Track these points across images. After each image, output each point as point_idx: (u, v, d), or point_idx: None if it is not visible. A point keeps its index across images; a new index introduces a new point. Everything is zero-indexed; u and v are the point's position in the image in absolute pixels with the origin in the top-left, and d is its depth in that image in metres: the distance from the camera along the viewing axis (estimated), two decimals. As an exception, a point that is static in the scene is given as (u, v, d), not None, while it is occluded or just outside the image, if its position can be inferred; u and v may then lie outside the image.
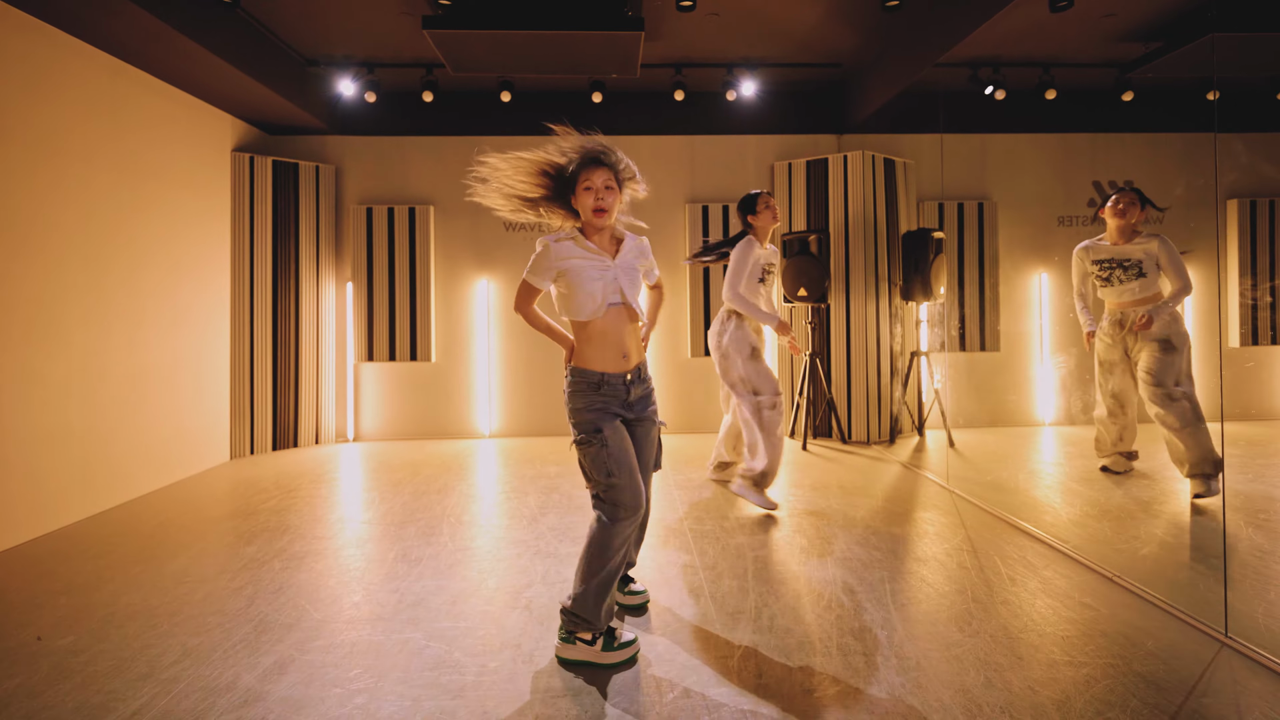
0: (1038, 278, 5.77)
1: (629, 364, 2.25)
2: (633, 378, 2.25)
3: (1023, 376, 5.78)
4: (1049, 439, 5.41)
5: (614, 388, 2.21)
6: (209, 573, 2.89)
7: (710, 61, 5.39)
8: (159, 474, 4.36)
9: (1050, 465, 4.72)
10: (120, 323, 4.04)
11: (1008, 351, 5.81)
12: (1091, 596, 2.54)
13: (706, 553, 3.05)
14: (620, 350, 2.23)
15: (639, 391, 2.28)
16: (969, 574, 2.76)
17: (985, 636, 2.23)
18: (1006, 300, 5.89)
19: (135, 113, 4.22)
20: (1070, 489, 4.03)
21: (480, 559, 3.01)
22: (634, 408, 2.27)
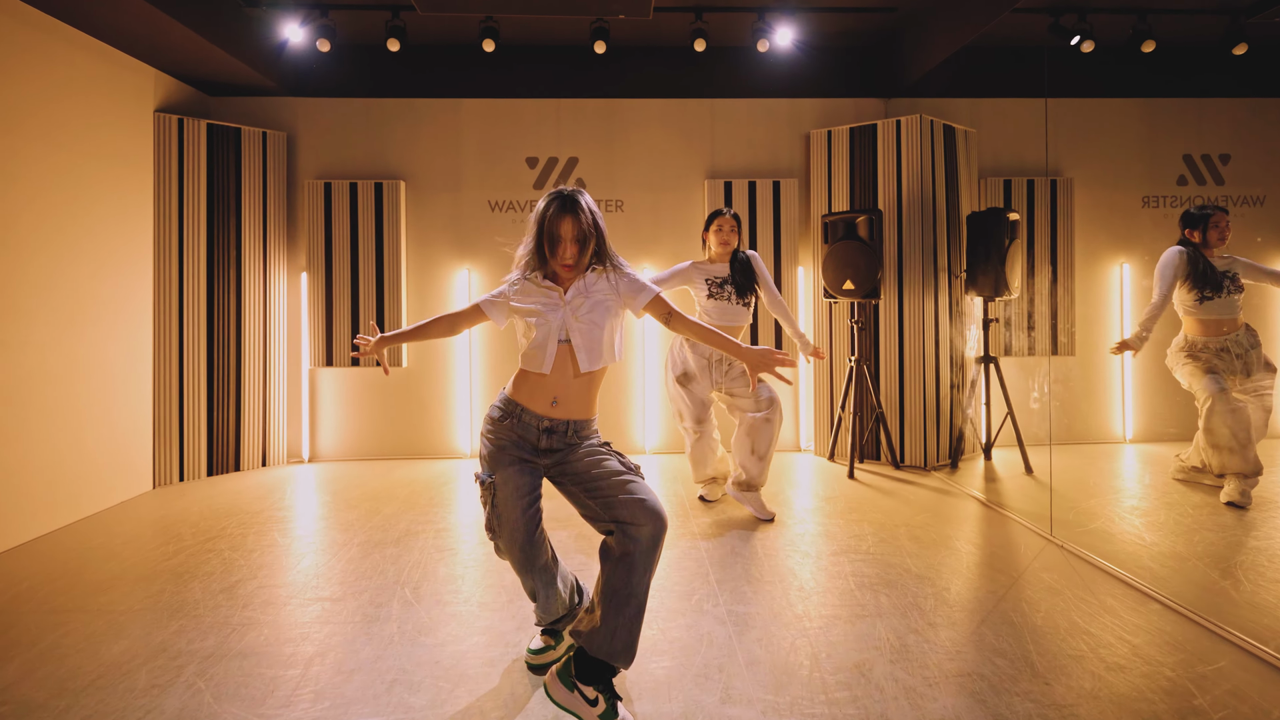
0: (1118, 268, 4.84)
1: (557, 413, 1.94)
2: (550, 428, 1.94)
3: (1100, 384, 4.85)
4: (1135, 461, 4.49)
5: (527, 428, 1.94)
6: (40, 695, 1.98)
7: (737, 4, 4.43)
8: (46, 515, 3.44)
9: (1156, 500, 3.80)
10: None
11: (1083, 356, 4.89)
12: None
13: (758, 661, 2.13)
14: (551, 395, 1.95)
15: (556, 444, 1.95)
16: (1144, 705, 1.85)
17: None
18: (1082, 295, 4.96)
19: (20, 59, 3.27)
20: (1204, 540, 3.11)
21: (435, 669, 2.09)
22: (550, 454, 1.96)
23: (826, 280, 4.45)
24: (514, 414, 1.95)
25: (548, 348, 1.93)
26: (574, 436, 1.96)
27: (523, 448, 1.93)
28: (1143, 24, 4.54)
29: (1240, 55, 4.42)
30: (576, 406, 1.96)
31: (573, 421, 1.96)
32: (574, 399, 1.96)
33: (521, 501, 1.89)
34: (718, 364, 3.52)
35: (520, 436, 1.94)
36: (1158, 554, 2.97)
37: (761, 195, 5.00)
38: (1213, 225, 3.44)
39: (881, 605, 2.50)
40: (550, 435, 1.94)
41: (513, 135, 5.00)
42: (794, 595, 2.60)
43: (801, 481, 4.25)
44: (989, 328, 4.54)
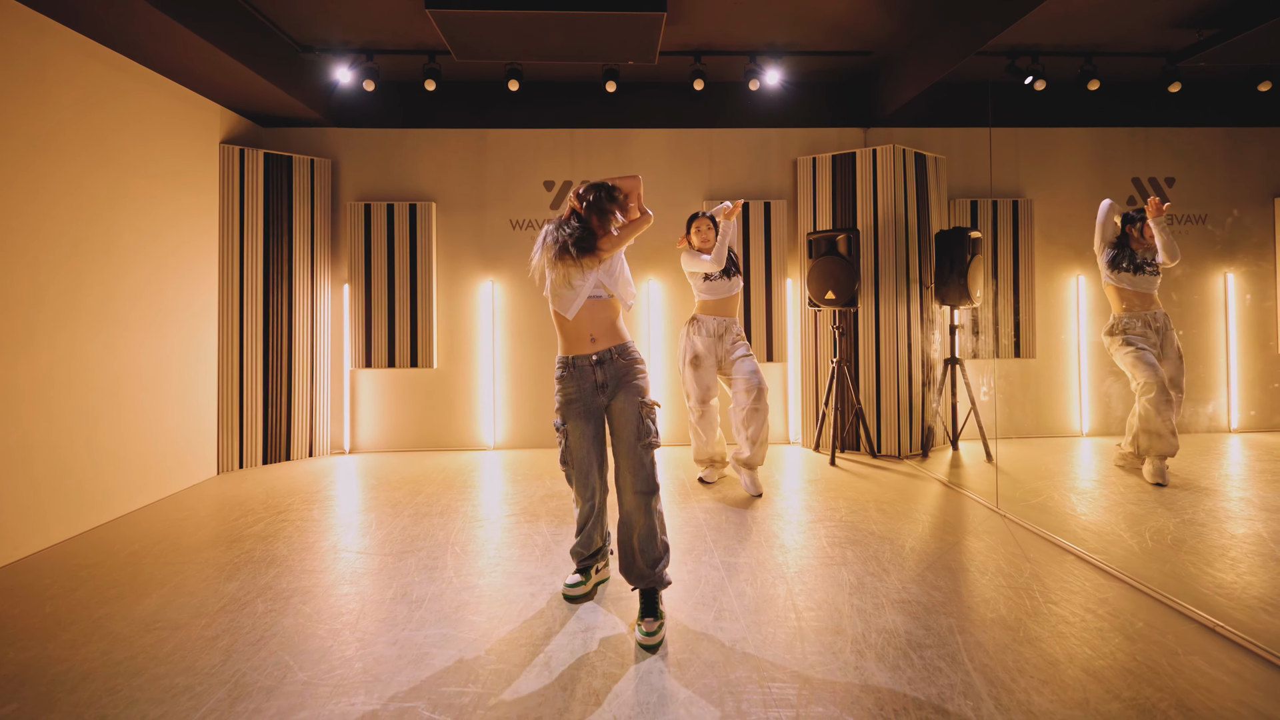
0: (1075, 279, 5.42)
1: (598, 346, 2.51)
2: (599, 359, 2.50)
3: (1060, 384, 5.43)
4: (1089, 452, 5.06)
5: (583, 370, 2.51)
6: (183, 617, 2.55)
7: (732, 49, 5.04)
8: (138, 493, 4.02)
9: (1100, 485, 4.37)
10: (98, 327, 3.70)
11: (1044, 358, 5.47)
12: (1197, 653, 2.19)
13: (745, 594, 2.70)
14: (588, 334, 2.51)
15: (610, 371, 2.51)
16: (1047, 623, 2.42)
17: (1096, 714, 1.89)
18: (1043, 304, 5.55)
19: (116, 101, 3.87)
20: (1130, 511, 3.68)
21: (489, 601, 2.66)
22: (606, 388, 2.51)
23: (811, 291, 5.02)
24: (570, 365, 2.54)
25: (577, 301, 2.52)
26: (620, 358, 2.51)
27: (585, 395, 2.52)
28: (1089, 65, 5.14)
29: (1175, 92, 5.03)
30: (610, 336, 2.53)
31: (614, 347, 2.52)
32: (604, 332, 2.53)
33: (586, 443, 2.53)
34: (719, 341, 4.15)
35: (580, 384, 2.52)
36: (1085, 523, 3.54)
37: (754, 215, 5.59)
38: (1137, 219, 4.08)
39: (846, 557, 3.07)
40: (602, 366, 2.50)
41: (531, 161, 5.60)
42: (776, 550, 3.17)
43: (789, 468, 4.82)
44: (954, 333, 5.12)
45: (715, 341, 4.17)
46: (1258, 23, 4.18)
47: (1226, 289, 4.60)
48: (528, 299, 5.59)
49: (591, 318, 2.49)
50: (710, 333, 4.16)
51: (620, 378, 2.50)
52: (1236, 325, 4.51)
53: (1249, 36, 4.26)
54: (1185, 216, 5.16)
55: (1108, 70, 5.20)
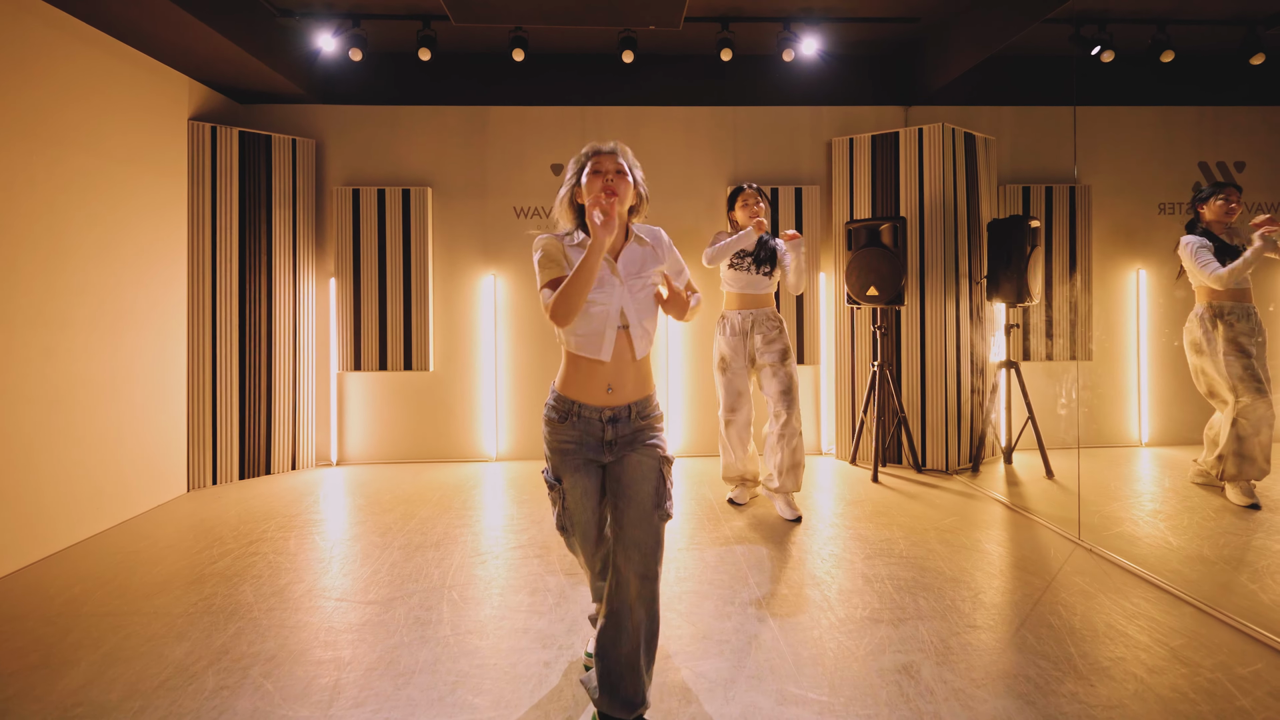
0: (1135, 274, 4.90)
1: (614, 400, 1.84)
2: (614, 416, 1.84)
3: (1117, 389, 4.91)
4: (1152, 464, 4.55)
5: (588, 423, 1.85)
6: (113, 697, 2.04)
7: (765, 14, 4.49)
8: (89, 518, 3.50)
9: (1177, 503, 3.86)
10: (33, 330, 3.17)
11: (1100, 361, 4.95)
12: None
13: (803, 662, 2.19)
14: (605, 382, 1.84)
15: (622, 432, 1.85)
16: (1193, 706, 1.91)
17: None
18: (1100, 300, 5.03)
19: (60, 68, 3.34)
20: (1227, 542, 3.17)
21: (493, 673, 2.15)
22: (613, 447, 1.85)
23: (850, 286, 4.50)
24: (572, 412, 1.85)
25: (605, 335, 1.81)
26: (638, 419, 1.87)
27: (587, 446, 1.85)
28: (1162, 34, 4.59)
29: (1258, 65, 4.48)
30: (634, 388, 1.87)
31: (634, 404, 1.87)
32: (630, 382, 1.86)
33: (590, 502, 1.86)
34: (745, 338, 3.68)
35: (583, 434, 1.85)
36: (1185, 557, 3.03)
37: (784, 202, 5.06)
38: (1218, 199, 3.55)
39: (921, 608, 2.56)
40: (615, 424, 1.85)
41: (538, 143, 5.06)
42: (835, 598, 2.66)
43: (825, 485, 4.31)
44: (1010, 333, 4.60)
45: (742, 340, 3.69)
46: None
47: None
48: (534, 295, 5.06)
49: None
50: (735, 329, 3.69)
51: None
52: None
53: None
54: (1255, 205, 4.64)
55: (1180, 41, 4.67)
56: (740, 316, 3.68)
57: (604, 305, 1.79)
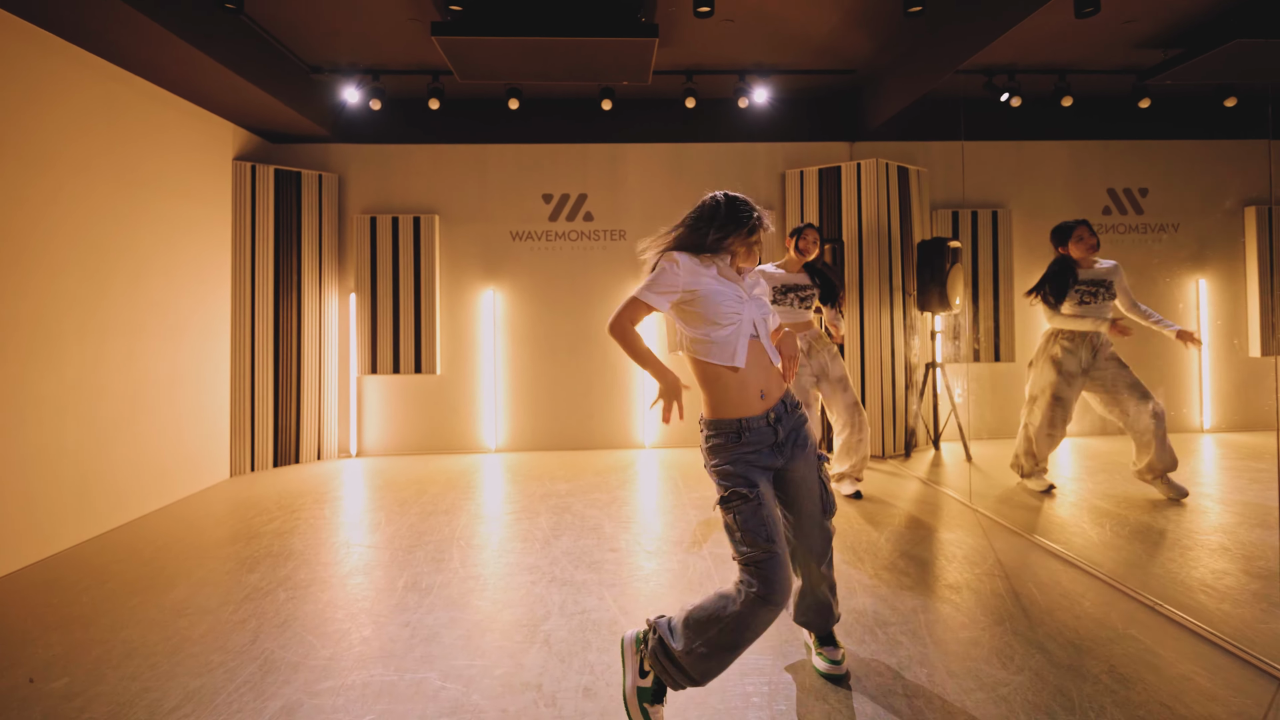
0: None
1: (770, 402, 1.95)
2: (777, 415, 1.95)
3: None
4: (1066, 451, 5.29)
5: (758, 433, 1.91)
6: (211, 604, 2.77)
7: (723, 68, 5.29)
8: (157, 494, 4.24)
9: (1072, 481, 4.60)
10: (118, 336, 3.93)
11: (1023, 362, 5.70)
12: (1136, 627, 2.42)
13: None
14: (757, 389, 1.93)
15: (788, 427, 1.97)
16: (1004, 602, 2.65)
17: (1030, 674, 2.11)
18: (1022, 310, 5.78)
19: (133, 121, 4.11)
20: (1096, 506, 3.91)
21: (493, 587, 2.89)
22: (784, 448, 1.95)
23: (798, 299, 5.25)
24: (745, 428, 1.91)
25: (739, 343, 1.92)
26: (791, 404, 2.01)
27: (764, 456, 1.93)
28: (1062, 82, 5.38)
29: (1145, 108, 5.28)
30: (777, 386, 2.00)
31: (784, 397, 2.01)
32: (774, 381, 1.99)
33: (777, 510, 1.96)
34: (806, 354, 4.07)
35: (759, 443, 1.92)
36: (1051, 517, 3.76)
37: (744, 226, 5.83)
38: (1075, 238, 4.09)
39: (825, 548, 3.30)
40: (780, 423, 1.96)
41: (531, 175, 5.84)
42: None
43: (777, 468, 5.04)
44: (935, 338, 5.36)
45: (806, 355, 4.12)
46: (1217, 44, 4.43)
47: (1199, 295, 4.81)
48: (527, 307, 5.81)
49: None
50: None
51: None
52: (1210, 330, 4.73)
53: (1210, 57, 4.51)
54: (1159, 225, 5.42)
55: (1081, 87, 5.45)
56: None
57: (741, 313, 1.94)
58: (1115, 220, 5.46)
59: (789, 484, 2.00)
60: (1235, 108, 4.86)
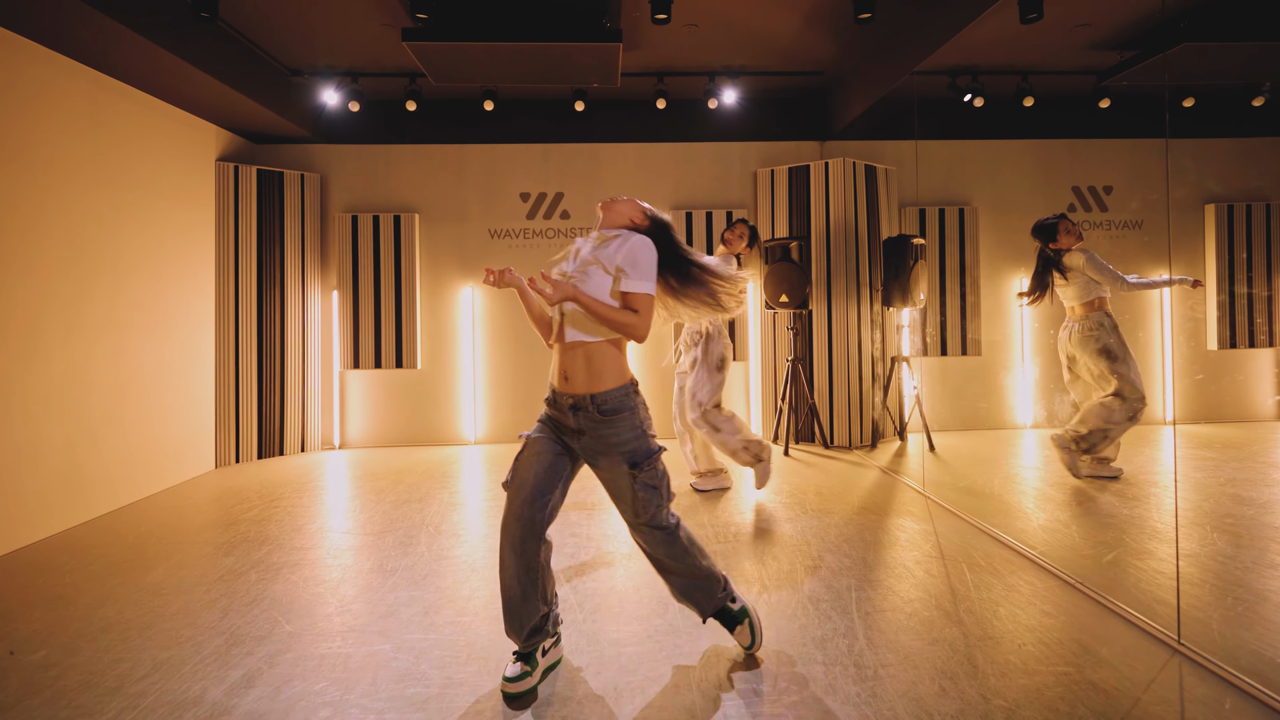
0: (1017, 282, 5.80)
1: (569, 387, 2.00)
2: (575, 404, 1.98)
3: (1003, 381, 5.82)
4: (1028, 442, 5.45)
5: (557, 408, 2.04)
6: (185, 585, 2.92)
7: (691, 70, 5.43)
8: (143, 484, 4.39)
9: (1027, 470, 4.76)
10: (104, 333, 4.07)
11: (988, 356, 5.85)
12: (1053, 604, 2.58)
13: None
14: (560, 369, 2.03)
15: (583, 422, 1.99)
16: (936, 581, 2.80)
17: (944, 645, 2.27)
18: (986, 305, 5.93)
19: (119, 126, 4.25)
20: (1044, 494, 4.07)
21: (456, 568, 3.04)
22: (580, 439, 2.02)
23: (767, 294, 5.41)
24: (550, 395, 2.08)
25: (551, 313, 2.07)
26: (596, 412, 1.96)
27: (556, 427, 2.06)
28: (1025, 82, 5.53)
29: (1105, 108, 5.43)
30: (585, 375, 1.98)
31: (593, 394, 1.96)
32: (581, 367, 1.98)
33: (537, 467, 1.99)
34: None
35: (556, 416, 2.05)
36: (996, 504, 3.92)
37: (718, 224, 5.98)
38: (1064, 231, 4.22)
39: (776, 533, 3.45)
40: (576, 413, 1.99)
41: (509, 175, 5.98)
42: (712, 528, 3.55)
43: (746, 459, 5.20)
44: (900, 332, 5.51)
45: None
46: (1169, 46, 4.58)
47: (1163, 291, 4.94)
48: (506, 304, 5.96)
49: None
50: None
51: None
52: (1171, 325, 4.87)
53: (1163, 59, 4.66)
54: (1123, 223, 5.57)
55: (1044, 87, 5.59)
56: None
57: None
58: (1081, 217, 5.60)
59: (602, 480, 2.07)
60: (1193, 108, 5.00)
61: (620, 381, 1.99)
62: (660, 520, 2.04)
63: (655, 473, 2.01)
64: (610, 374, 1.98)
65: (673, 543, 2.08)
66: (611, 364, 1.99)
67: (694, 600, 2.16)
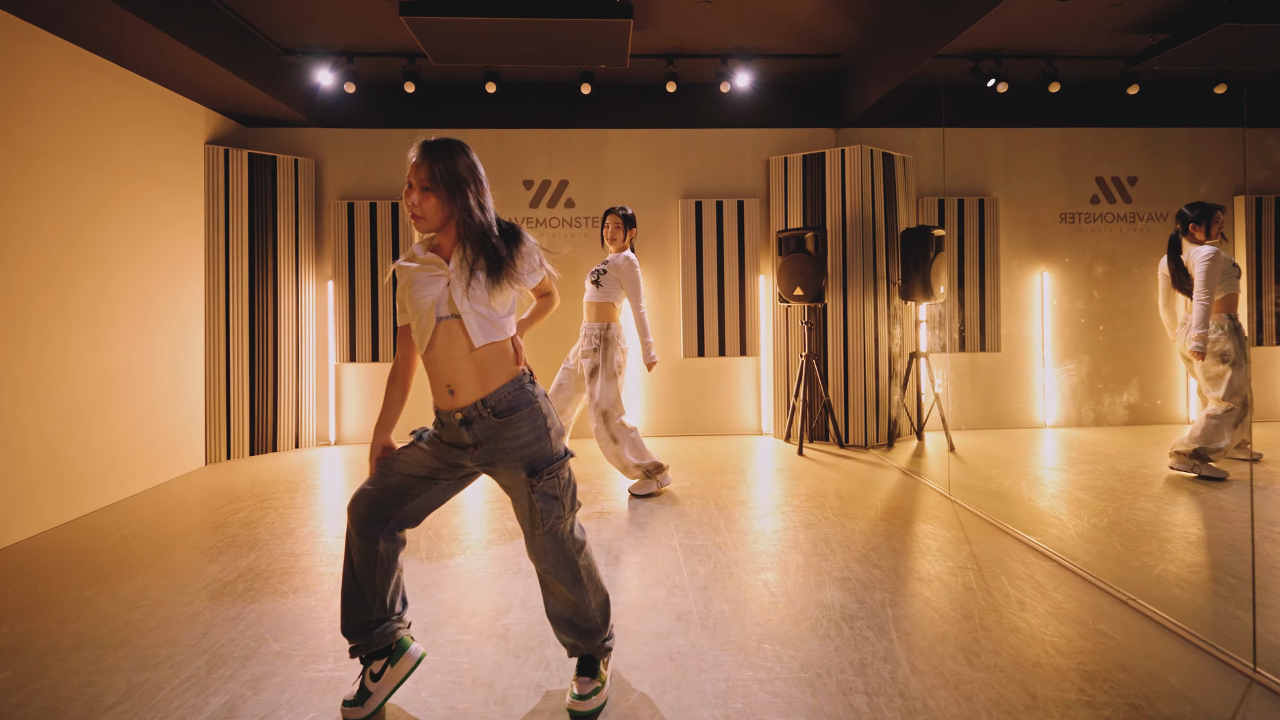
0: (1039, 276, 5.59)
1: (457, 401, 1.79)
2: (466, 415, 1.78)
3: (1024, 378, 5.61)
4: (1050, 442, 5.24)
5: (450, 430, 1.83)
6: (167, 595, 2.71)
7: (703, 52, 5.20)
8: (131, 481, 4.17)
9: (1054, 472, 4.56)
10: (85, 324, 3.84)
11: (1009, 352, 5.65)
12: (1107, 623, 2.38)
13: (697, 572, 2.87)
14: (444, 381, 1.80)
15: (480, 433, 1.79)
16: (975, 596, 2.60)
17: (996, 671, 2.07)
18: (1008, 300, 5.72)
19: (101, 105, 4.01)
20: (1076, 498, 3.87)
21: (458, 579, 2.83)
22: (481, 451, 1.81)
23: (780, 287, 5.19)
24: (439, 419, 1.87)
25: (435, 323, 1.79)
26: (492, 416, 1.79)
27: (442, 453, 1.86)
28: (1050, 67, 5.30)
29: (1134, 94, 5.21)
30: (475, 382, 1.79)
31: (487, 397, 1.79)
32: (468, 376, 1.79)
33: (390, 480, 1.87)
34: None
35: (448, 441, 1.85)
36: (1030, 509, 3.72)
37: (728, 213, 5.76)
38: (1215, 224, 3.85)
39: (798, 539, 3.25)
40: (469, 426, 1.80)
41: (511, 161, 5.75)
42: (734, 534, 3.34)
43: (759, 458, 4.99)
44: (919, 327, 5.30)
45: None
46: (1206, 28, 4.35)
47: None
48: (508, 295, 5.72)
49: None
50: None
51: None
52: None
53: (1198, 42, 4.44)
54: (1148, 215, 5.35)
55: (1070, 72, 5.37)
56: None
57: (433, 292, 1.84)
58: (1103, 209, 5.39)
59: (499, 478, 1.88)
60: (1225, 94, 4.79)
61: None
62: (560, 531, 1.85)
63: (557, 481, 1.83)
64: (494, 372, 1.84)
65: (563, 563, 1.88)
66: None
67: (568, 629, 1.95)
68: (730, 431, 5.88)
